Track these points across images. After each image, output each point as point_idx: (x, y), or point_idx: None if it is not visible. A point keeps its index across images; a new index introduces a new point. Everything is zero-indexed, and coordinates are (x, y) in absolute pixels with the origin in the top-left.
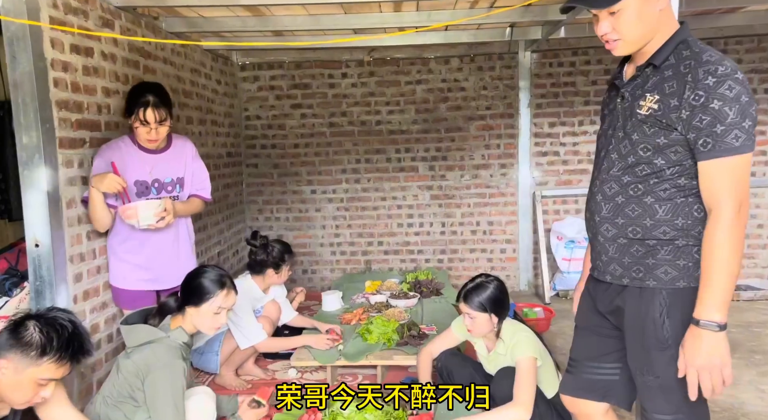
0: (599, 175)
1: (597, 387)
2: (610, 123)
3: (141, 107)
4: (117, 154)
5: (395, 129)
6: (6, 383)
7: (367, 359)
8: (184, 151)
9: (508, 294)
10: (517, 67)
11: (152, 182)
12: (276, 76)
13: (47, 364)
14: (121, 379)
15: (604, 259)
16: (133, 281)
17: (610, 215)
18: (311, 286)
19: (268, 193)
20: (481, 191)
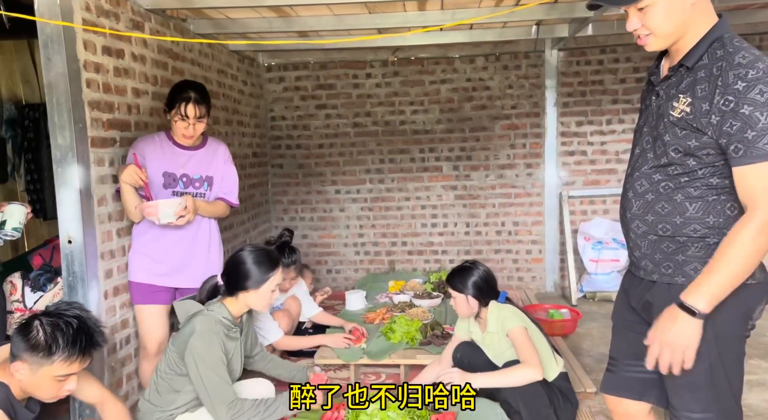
0: (632, 171)
1: (635, 385)
2: (646, 119)
3: (182, 102)
4: (150, 147)
5: (419, 129)
6: (27, 383)
7: (391, 358)
8: (217, 153)
9: (494, 281)
10: (543, 66)
11: (181, 176)
12: (301, 76)
13: (58, 362)
14: (171, 352)
15: (637, 255)
16: (147, 275)
17: (640, 212)
18: (335, 286)
19: (293, 193)
20: (507, 191)
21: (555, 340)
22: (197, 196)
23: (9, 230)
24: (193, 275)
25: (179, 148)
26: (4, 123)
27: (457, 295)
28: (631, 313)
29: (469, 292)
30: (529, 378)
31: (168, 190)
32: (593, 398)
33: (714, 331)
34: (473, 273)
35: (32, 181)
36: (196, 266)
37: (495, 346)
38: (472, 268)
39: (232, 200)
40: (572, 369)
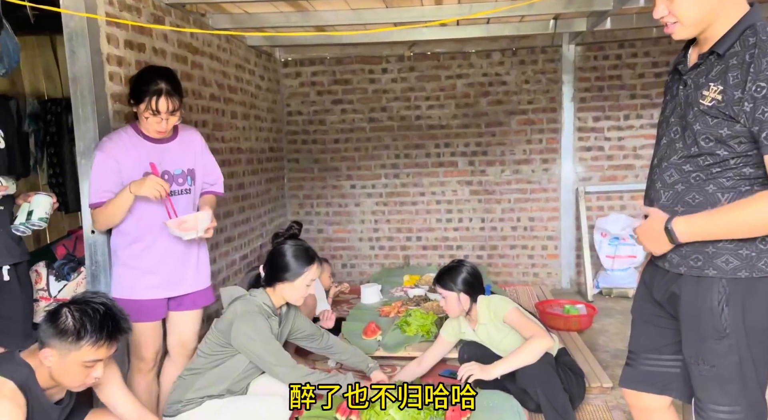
0: (659, 162)
1: (656, 379)
2: (672, 110)
3: (153, 96)
4: (121, 147)
5: (435, 124)
6: (56, 370)
7: (406, 351)
8: (193, 142)
9: (481, 276)
10: (560, 61)
11: (162, 174)
12: (317, 72)
13: (86, 347)
14: (214, 335)
15: None
16: (140, 289)
17: (669, 203)
18: (350, 280)
19: (308, 187)
20: (522, 187)
21: (570, 335)
22: (182, 193)
23: (35, 220)
24: (188, 281)
25: (152, 143)
26: (27, 117)
27: (447, 294)
28: (653, 307)
29: (459, 289)
30: (543, 348)
31: None
32: (609, 393)
33: (744, 323)
34: (462, 270)
35: (54, 175)
36: (191, 270)
37: (491, 337)
38: (460, 266)
39: (221, 191)
40: (588, 364)
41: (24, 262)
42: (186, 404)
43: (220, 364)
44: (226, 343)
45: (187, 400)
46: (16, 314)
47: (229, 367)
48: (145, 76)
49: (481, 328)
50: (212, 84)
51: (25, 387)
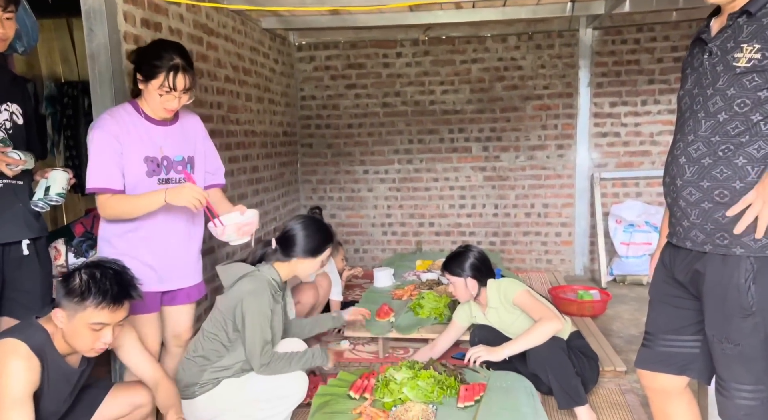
0: (683, 137)
1: (675, 360)
2: (696, 82)
3: (170, 72)
4: (123, 127)
5: (449, 109)
6: (66, 332)
7: (419, 332)
8: (195, 127)
9: (489, 261)
10: (577, 45)
11: (162, 160)
12: (331, 56)
13: (90, 308)
14: (217, 314)
15: (685, 225)
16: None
17: (695, 178)
18: (362, 265)
19: (321, 172)
20: (537, 173)
21: (584, 321)
22: (181, 181)
23: (53, 195)
24: (183, 275)
25: (154, 125)
26: (44, 100)
27: (455, 280)
28: (673, 287)
29: (467, 275)
30: (552, 330)
31: (153, 178)
32: (624, 377)
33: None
34: (469, 256)
35: (71, 157)
36: (185, 264)
37: (501, 320)
38: (467, 251)
39: (222, 181)
40: (602, 348)
41: (43, 238)
42: (203, 385)
43: (229, 345)
44: (230, 322)
45: (204, 381)
46: (36, 288)
47: (238, 347)
48: (158, 51)
49: (491, 311)
50: (227, 66)
51: (40, 350)
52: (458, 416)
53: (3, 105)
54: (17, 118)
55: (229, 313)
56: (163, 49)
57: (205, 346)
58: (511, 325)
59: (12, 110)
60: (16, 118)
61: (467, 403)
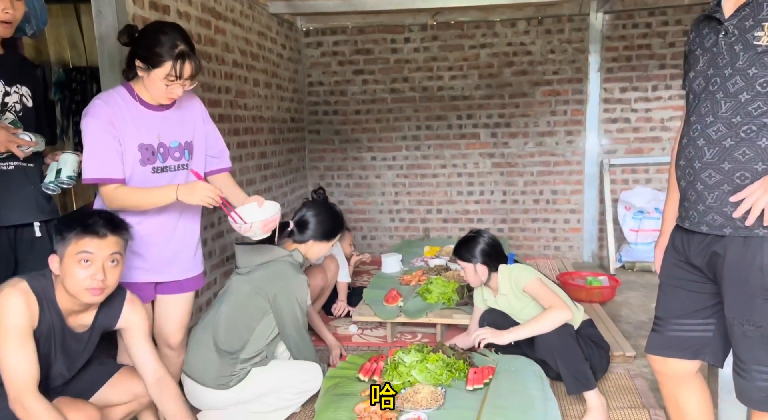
0: (699, 119)
1: (688, 344)
2: (710, 62)
3: (177, 60)
4: (118, 113)
5: (457, 95)
6: (61, 276)
7: (427, 317)
8: (193, 110)
9: (501, 246)
10: (587, 30)
11: (158, 147)
12: (339, 41)
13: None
14: (244, 299)
15: (701, 209)
16: (129, 271)
17: (715, 160)
18: (370, 252)
19: (329, 159)
20: (546, 159)
21: (593, 307)
22: (178, 169)
23: (64, 178)
24: (178, 266)
25: (150, 110)
26: (53, 86)
27: (465, 266)
28: (687, 271)
29: (477, 261)
30: (560, 319)
31: (147, 166)
32: (632, 362)
33: None
34: (479, 241)
35: (80, 143)
36: (181, 254)
37: (512, 306)
38: (477, 236)
39: (228, 164)
40: (610, 333)
41: (54, 220)
42: (233, 374)
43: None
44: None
45: (236, 372)
46: None
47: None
48: (158, 36)
49: (501, 297)
50: (235, 50)
51: (40, 293)
52: (467, 399)
53: (13, 87)
54: (27, 101)
55: (256, 298)
56: (164, 35)
57: (229, 332)
58: (521, 311)
59: (22, 92)
60: (26, 101)
61: (476, 386)
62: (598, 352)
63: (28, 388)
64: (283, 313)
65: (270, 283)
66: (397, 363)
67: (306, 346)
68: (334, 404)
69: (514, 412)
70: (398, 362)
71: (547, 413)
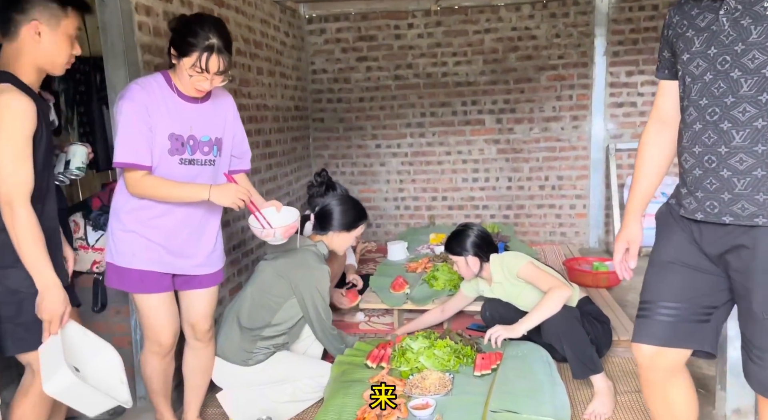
0: (715, 101)
1: (687, 331)
2: (709, 41)
3: (203, 52)
4: (154, 101)
5: (462, 81)
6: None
7: (434, 304)
8: (225, 107)
9: (490, 237)
10: (593, 13)
11: (188, 139)
12: (342, 28)
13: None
14: (268, 280)
15: (726, 198)
16: (142, 260)
17: (747, 143)
18: (375, 240)
19: (333, 147)
20: (551, 145)
21: (599, 292)
22: (206, 163)
23: (73, 169)
24: (198, 261)
25: (185, 101)
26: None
27: (457, 259)
28: (699, 255)
29: (469, 254)
30: (563, 298)
31: (174, 157)
32: None
33: None
34: (469, 234)
35: (85, 134)
36: (202, 250)
37: (507, 293)
38: (467, 229)
39: (248, 167)
40: (617, 318)
41: (63, 210)
42: (253, 352)
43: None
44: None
45: (257, 348)
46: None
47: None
48: (194, 27)
49: (496, 286)
50: (238, 38)
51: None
52: (475, 384)
53: None
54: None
55: (280, 282)
56: (200, 26)
57: (253, 312)
58: (518, 297)
59: None
60: None
61: (484, 372)
62: (601, 328)
63: (22, 193)
64: (305, 301)
65: (293, 270)
66: (405, 349)
67: (327, 336)
68: (342, 390)
69: (523, 397)
70: (406, 349)
71: (555, 398)
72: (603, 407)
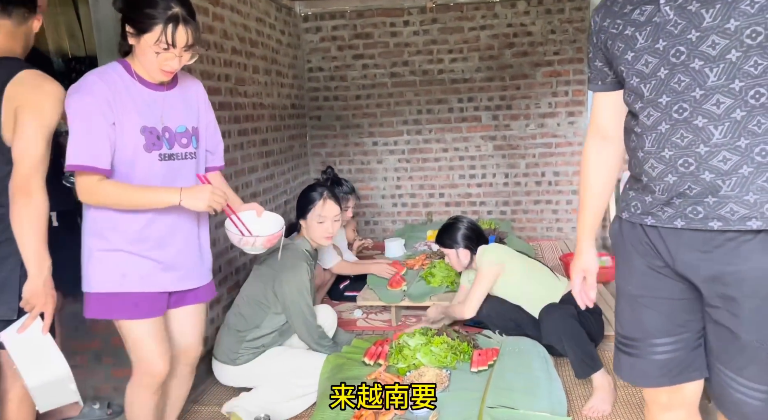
0: (678, 96)
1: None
2: (655, 35)
3: (167, 24)
4: (114, 90)
5: (458, 78)
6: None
7: (431, 301)
8: (197, 93)
9: (480, 229)
10: (588, 9)
11: (163, 131)
12: (338, 26)
13: None
14: (256, 282)
15: (711, 201)
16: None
17: (728, 139)
18: (373, 237)
19: (331, 145)
20: (548, 141)
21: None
22: (186, 157)
23: None
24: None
25: (150, 89)
26: None
27: (448, 252)
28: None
29: (459, 246)
30: (457, 315)
31: (153, 153)
32: None
33: None
34: (459, 226)
35: None
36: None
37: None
38: (457, 222)
39: (222, 163)
40: (611, 310)
41: (73, 211)
42: (240, 352)
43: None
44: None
45: (242, 349)
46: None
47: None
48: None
49: None
50: (234, 37)
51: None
52: (472, 380)
53: None
54: None
55: (267, 283)
56: None
57: (245, 313)
58: (504, 287)
59: None
60: None
61: (480, 368)
62: (593, 318)
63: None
64: (286, 303)
65: (275, 275)
66: (402, 346)
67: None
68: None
69: (519, 393)
70: (403, 346)
71: (551, 393)
72: (603, 403)
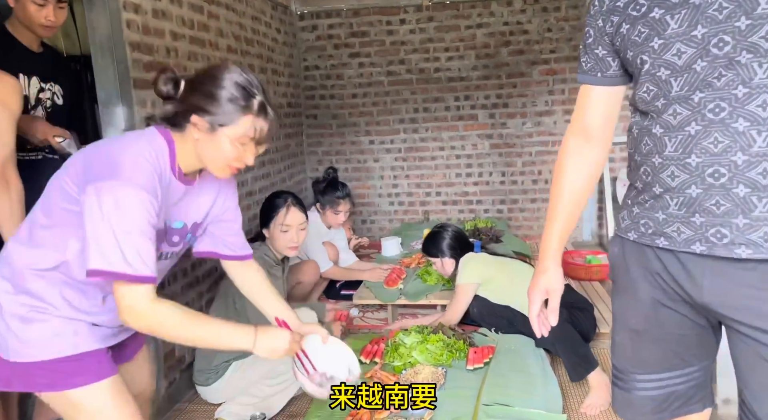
0: (716, 93)
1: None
2: (692, 18)
3: (259, 113)
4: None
5: (454, 76)
6: None
7: (427, 299)
8: (219, 183)
9: (466, 237)
10: (584, 6)
11: (166, 229)
12: (334, 24)
13: None
14: (219, 299)
15: (740, 224)
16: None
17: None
18: (370, 236)
19: (327, 143)
20: (544, 139)
21: (592, 285)
22: (168, 257)
23: None
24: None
25: (181, 183)
26: None
27: (434, 261)
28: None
29: (444, 255)
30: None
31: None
32: None
33: None
34: (444, 236)
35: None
36: None
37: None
38: (442, 231)
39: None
40: (608, 309)
41: None
42: (215, 371)
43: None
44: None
45: (215, 367)
46: None
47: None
48: (229, 82)
49: None
50: (229, 35)
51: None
52: (468, 378)
53: (47, 84)
54: (58, 99)
55: (230, 297)
56: (234, 80)
57: None
58: (490, 293)
59: (54, 90)
60: (57, 99)
61: (476, 366)
62: (584, 315)
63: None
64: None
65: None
66: (398, 344)
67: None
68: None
69: (515, 391)
70: (399, 344)
71: (547, 391)
72: (599, 400)
